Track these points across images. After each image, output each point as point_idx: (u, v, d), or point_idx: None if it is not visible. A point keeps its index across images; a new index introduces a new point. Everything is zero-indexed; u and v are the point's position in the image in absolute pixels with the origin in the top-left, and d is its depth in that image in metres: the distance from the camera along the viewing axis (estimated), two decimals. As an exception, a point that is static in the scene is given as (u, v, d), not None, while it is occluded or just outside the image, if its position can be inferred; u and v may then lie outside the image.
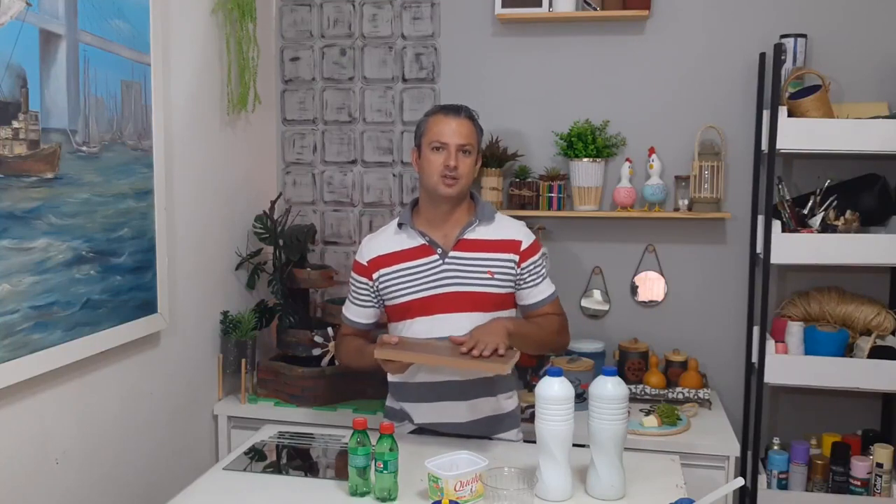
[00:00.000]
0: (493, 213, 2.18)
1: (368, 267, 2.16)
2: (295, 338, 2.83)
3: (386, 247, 2.16)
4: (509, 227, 2.19)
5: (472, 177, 2.12)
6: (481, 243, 2.13)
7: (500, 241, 2.14)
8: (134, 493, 2.30)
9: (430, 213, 2.15)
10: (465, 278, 2.10)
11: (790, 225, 2.64)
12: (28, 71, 1.80)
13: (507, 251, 2.13)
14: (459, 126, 2.09)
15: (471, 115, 2.14)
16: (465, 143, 2.08)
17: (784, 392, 2.89)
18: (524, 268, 2.15)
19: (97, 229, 2.05)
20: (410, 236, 2.15)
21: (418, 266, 2.12)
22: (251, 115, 2.94)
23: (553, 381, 1.73)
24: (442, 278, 2.10)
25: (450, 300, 2.10)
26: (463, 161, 2.08)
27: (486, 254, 2.12)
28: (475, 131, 2.13)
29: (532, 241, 2.18)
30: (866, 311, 2.69)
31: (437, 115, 2.13)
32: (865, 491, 2.60)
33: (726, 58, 2.85)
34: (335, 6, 3.14)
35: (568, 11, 2.85)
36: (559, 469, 1.73)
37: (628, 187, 2.86)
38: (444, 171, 2.06)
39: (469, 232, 2.13)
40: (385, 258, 2.15)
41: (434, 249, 2.12)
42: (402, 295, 2.13)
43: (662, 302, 2.98)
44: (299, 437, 2.19)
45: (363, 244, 2.22)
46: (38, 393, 1.91)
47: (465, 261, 2.11)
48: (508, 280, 2.14)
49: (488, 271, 2.11)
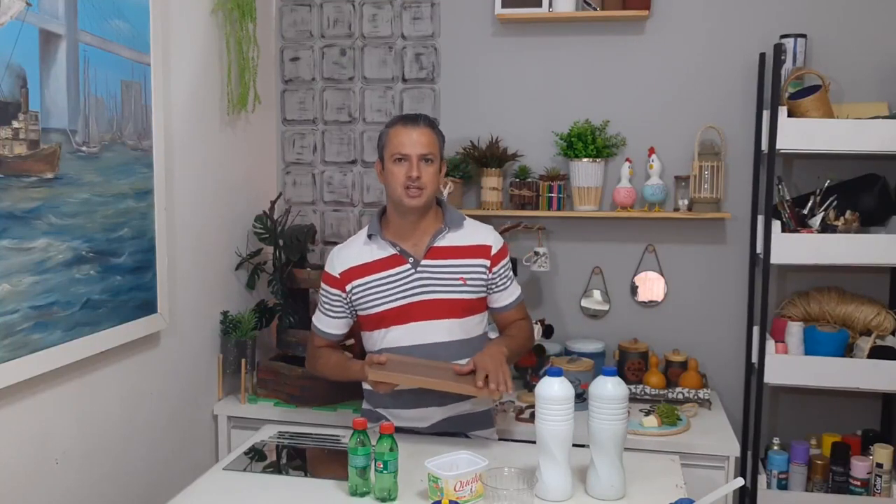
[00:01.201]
0: (461, 220, 2.19)
1: (341, 279, 2.16)
2: (295, 338, 2.83)
3: (357, 258, 2.16)
4: (479, 232, 2.19)
5: (436, 185, 2.12)
6: (452, 250, 2.13)
7: (470, 247, 2.15)
8: (134, 493, 2.30)
9: (398, 224, 2.15)
10: (438, 286, 2.11)
11: (790, 225, 2.64)
12: (28, 71, 1.80)
13: (479, 256, 2.14)
14: (420, 136, 2.08)
15: (430, 123, 2.13)
16: (426, 152, 2.07)
17: (784, 392, 2.89)
18: (495, 272, 2.17)
19: (97, 229, 2.05)
20: (381, 247, 2.15)
21: (391, 276, 2.12)
22: (251, 115, 2.94)
23: (553, 381, 1.74)
24: (415, 287, 2.11)
25: (424, 308, 2.11)
26: (425, 170, 2.07)
27: (458, 260, 2.13)
28: (436, 139, 2.12)
29: (501, 245, 2.20)
30: (866, 311, 2.69)
31: (395, 126, 2.12)
32: (865, 491, 2.60)
33: (726, 58, 2.85)
34: (335, 6, 3.14)
35: (568, 11, 2.85)
36: (559, 469, 1.73)
37: (628, 187, 2.86)
38: (408, 182, 2.06)
39: (439, 240, 2.13)
40: (357, 269, 2.15)
41: (405, 259, 2.12)
42: (375, 305, 2.13)
43: (662, 302, 2.98)
44: (299, 437, 2.19)
45: (333, 255, 2.21)
46: (38, 393, 1.91)
47: (437, 268, 2.12)
48: (480, 285, 2.15)
49: (461, 278, 2.12)
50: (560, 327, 2.98)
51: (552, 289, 3.04)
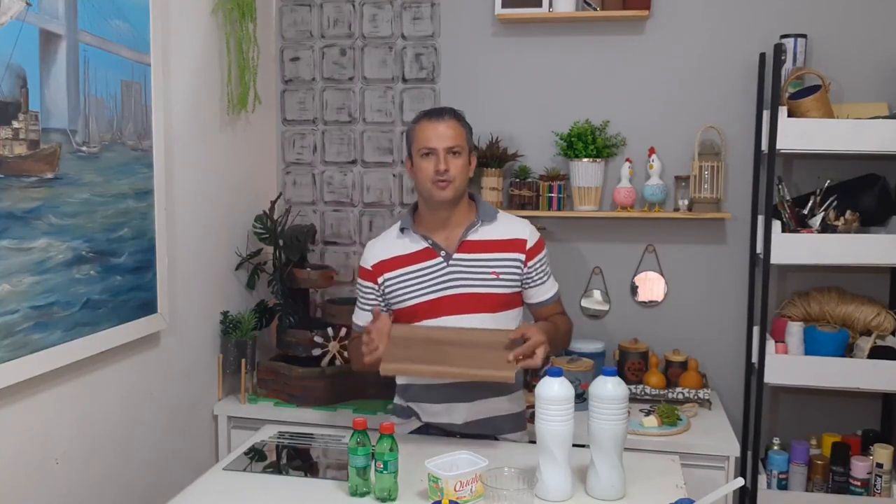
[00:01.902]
0: (494, 213, 2.18)
1: (373, 271, 2.17)
2: (295, 338, 2.83)
3: (389, 251, 2.16)
4: (513, 225, 2.18)
5: (465, 177, 2.12)
6: (485, 244, 2.12)
7: (504, 241, 2.13)
8: (134, 493, 2.30)
9: (429, 218, 2.15)
10: (471, 279, 2.10)
11: (790, 225, 2.64)
12: (28, 71, 1.80)
13: (513, 250, 2.13)
14: (446, 128, 2.08)
15: (456, 115, 2.13)
16: (453, 144, 2.07)
17: (784, 392, 2.89)
18: (531, 266, 2.14)
19: (97, 229, 2.05)
20: (413, 240, 2.15)
21: (422, 269, 2.12)
22: (251, 115, 2.94)
23: (553, 382, 1.73)
24: (447, 280, 2.10)
25: (456, 302, 2.10)
26: (453, 163, 2.07)
27: (491, 254, 2.12)
28: (463, 131, 2.12)
29: (537, 239, 2.18)
30: (866, 312, 2.69)
31: (422, 121, 2.12)
32: (865, 491, 2.60)
33: (726, 58, 2.85)
34: (335, 6, 3.14)
35: (568, 11, 2.85)
36: (559, 469, 1.73)
37: (628, 187, 2.86)
38: (436, 175, 2.06)
39: (472, 233, 2.13)
40: (389, 262, 2.15)
41: (437, 252, 2.12)
42: (407, 299, 2.13)
43: (662, 302, 2.98)
44: (299, 437, 2.19)
45: (366, 249, 2.22)
46: (38, 393, 1.91)
47: (470, 262, 2.11)
48: (514, 279, 2.13)
49: (493, 272, 2.10)
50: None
51: (552, 289, 3.04)
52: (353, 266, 3.19)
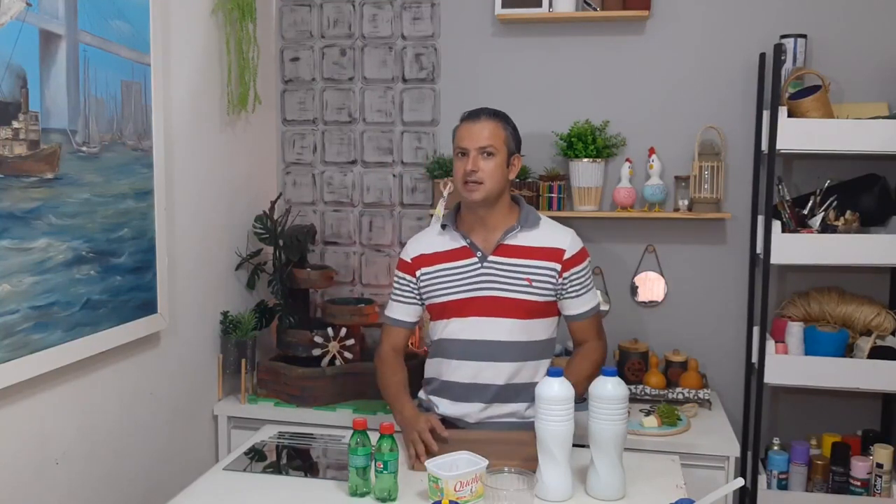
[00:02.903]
0: (537, 220, 2.18)
1: (412, 264, 2.20)
2: (295, 338, 2.83)
3: (429, 246, 2.20)
4: (554, 234, 2.17)
5: (498, 179, 2.10)
6: (522, 249, 2.12)
7: (542, 249, 2.13)
8: (134, 493, 2.30)
9: (468, 218, 2.17)
10: (503, 283, 2.11)
11: (790, 225, 2.64)
12: (28, 71, 1.80)
13: (549, 259, 2.12)
14: (481, 129, 2.09)
15: (495, 116, 2.13)
16: (486, 144, 2.07)
17: (784, 392, 2.89)
18: (566, 277, 2.13)
19: (97, 229, 2.05)
20: (453, 238, 2.17)
21: (457, 267, 2.14)
22: (251, 115, 2.94)
23: (553, 382, 1.74)
24: (479, 282, 2.11)
25: (486, 304, 2.11)
26: (484, 164, 2.07)
27: (527, 260, 2.11)
28: (500, 131, 2.11)
29: (578, 250, 2.16)
30: (866, 312, 2.69)
31: (461, 122, 2.15)
32: (865, 491, 2.60)
33: (726, 58, 2.85)
34: (335, 6, 3.14)
35: (568, 12, 2.85)
36: (559, 469, 1.73)
37: (628, 187, 2.86)
38: (465, 176, 2.07)
39: (510, 237, 2.13)
40: (428, 257, 2.18)
41: (474, 252, 2.13)
42: (440, 294, 2.15)
43: (662, 302, 2.98)
44: (299, 437, 2.19)
45: (408, 243, 2.27)
46: (38, 393, 1.91)
47: (504, 266, 2.11)
48: (548, 289, 2.12)
49: (527, 278, 2.10)
50: (560, 327, 2.97)
51: (552, 289, 3.04)
52: (353, 266, 3.20)
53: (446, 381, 2.17)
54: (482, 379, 2.11)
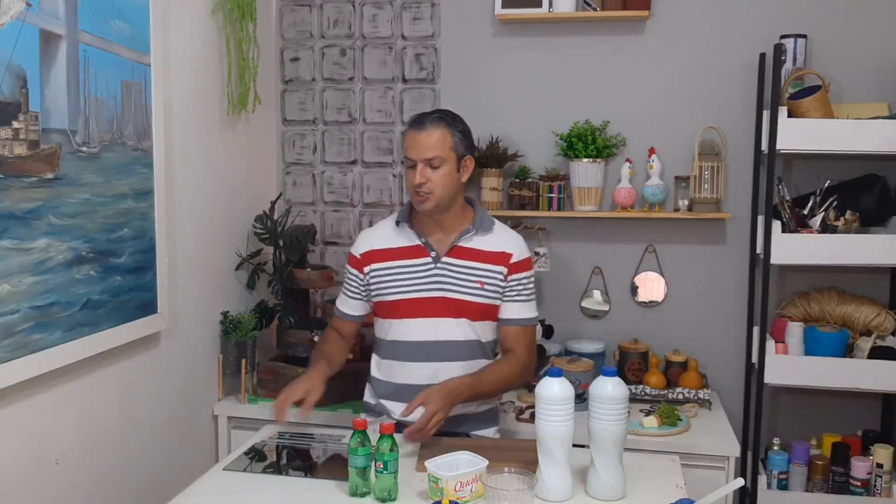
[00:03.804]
0: (491, 224, 2.17)
1: (361, 260, 2.18)
2: (295, 338, 2.83)
3: (381, 242, 2.17)
4: (505, 239, 2.17)
5: (449, 187, 2.07)
6: (475, 253, 2.12)
7: (493, 253, 2.13)
8: (134, 493, 2.30)
9: (424, 219, 2.15)
10: (455, 285, 2.11)
11: (790, 225, 2.63)
12: (28, 71, 1.80)
13: (498, 263, 2.13)
14: (426, 139, 2.04)
15: (440, 121, 2.07)
16: (431, 156, 2.04)
17: (784, 392, 2.89)
18: (510, 280, 2.14)
19: (97, 229, 2.05)
20: (407, 236, 2.15)
21: (410, 266, 2.12)
22: (251, 116, 2.94)
23: (553, 382, 1.73)
24: (432, 282, 2.11)
25: (438, 305, 2.10)
26: (432, 175, 2.05)
27: (479, 263, 2.12)
28: (449, 139, 2.06)
29: (524, 258, 2.17)
30: (866, 312, 2.69)
31: (408, 129, 2.10)
32: (865, 491, 2.60)
33: (726, 58, 2.85)
34: (335, 6, 3.14)
35: (568, 12, 2.85)
36: (559, 469, 1.73)
37: (628, 188, 2.86)
38: (414, 187, 2.06)
39: (465, 240, 2.13)
40: (378, 253, 2.16)
41: (428, 252, 2.12)
42: (390, 293, 2.13)
43: (662, 302, 2.98)
44: (299, 437, 2.19)
45: (360, 237, 2.24)
46: (38, 393, 1.91)
47: (457, 268, 2.11)
48: (497, 292, 2.13)
49: (479, 281, 2.11)
50: (560, 327, 2.98)
51: (552, 289, 3.04)
52: (353, 266, 3.20)
53: (401, 384, 2.15)
54: (438, 379, 2.07)
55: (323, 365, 2.20)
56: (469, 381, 2.05)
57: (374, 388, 2.25)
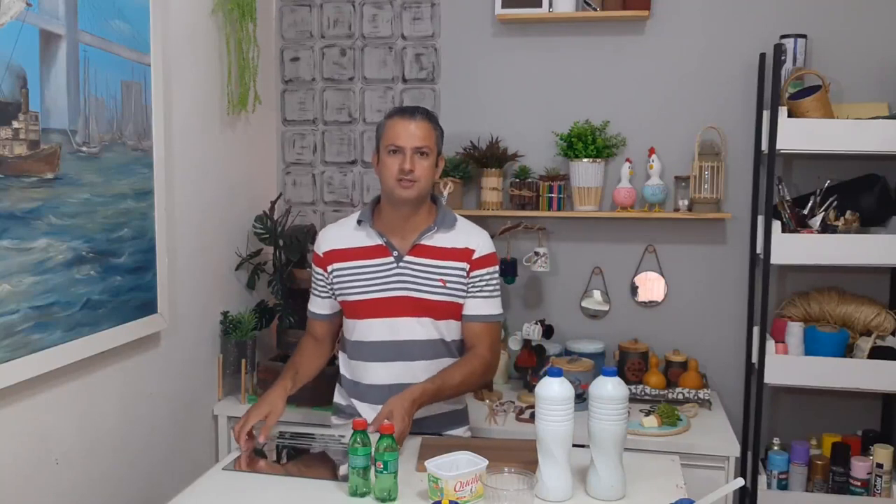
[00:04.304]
0: (453, 221, 2.15)
1: (324, 258, 2.17)
2: (295, 338, 2.82)
3: (343, 241, 2.16)
4: (469, 235, 2.15)
5: (430, 179, 2.09)
6: (436, 250, 2.11)
7: (454, 250, 2.11)
8: (134, 493, 2.30)
9: (389, 216, 2.13)
10: (418, 284, 2.10)
11: (790, 225, 2.64)
12: (28, 71, 1.80)
13: (460, 259, 2.11)
14: (416, 128, 2.05)
15: (429, 116, 2.10)
16: (422, 145, 2.05)
17: (784, 392, 2.89)
18: (472, 276, 2.12)
19: (97, 229, 2.05)
20: (369, 235, 2.14)
21: (372, 266, 2.11)
22: (251, 116, 2.94)
23: (553, 382, 1.73)
24: (394, 281, 2.10)
25: (401, 304, 2.09)
26: (419, 163, 2.05)
27: (440, 261, 2.10)
28: (433, 132, 2.09)
29: (487, 253, 2.14)
30: (866, 312, 2.69)
31: (393, 117, 2.09)
32: (865, 491, 2.60)
33: (726, 58, 2.85)
34: (335, 6, 3.14)
35: (568, 12, 2.85)
36: (559, 469, 1.73)
37: (628, 187, 2.86)
38: (400, 174, 2.04)
39: (426, 238, 2.11)
40: (340, 252, 2.15)
41: (390, 251, 2.11)
42: (353, 293, 2.13)
43: (662, 302, 2.98)
44: (299, 437, 2.19)
45: (321, 235, 2.22)
46: (38, 393, 1.91)
47: (419, 266, 2.10)
48: (460, 289, 2.12)
49: (441, 279, 2.10)
50: (560, 327, 2.98)
51: (552, 289, 3.04)
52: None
53: (369, 384, 2.14)
54: (404, 379, 2.07)
55: (287, 381, 2.16)
56: (431, 388, 2.03)
57: (345, 388, 2.24)
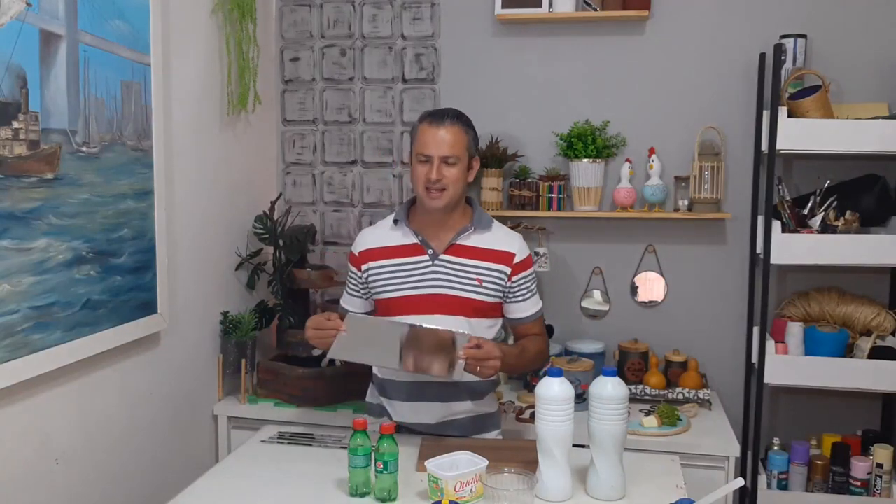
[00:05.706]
0: (489, 223, 2.17)
1: (359, 257, 2.18)
2: (295, 338, 2.83)
3: (379, 241, 2.17)
4: (505, 238, 2.17)
5: (461, 185, 2.09)
6: (474, 251, 2.12)
7: (493, 251, 2.13)
8: (134, 493, 2.30)
9: (423, 217, 2.15)
10: (453, 282, 2.10)
11: (790, 225, 2.64)
12: (28, 71, 1.80)
13: (500, 262, 2.12)
14: (445, 135, 2.05)
15: (459, 120, 2.09)
16: (449, 154, 2.05)
17: (784, 392, 2.89)
18: (515, 281, 2.14)
19: (97, 229, 2.05)
20: (405, 234, 2.15)
21: (407, 264, 2.12)
22: (251, 116, 2.94)
23: (553, 382, 1.73)
24: (430, 279, 2.10)
25: (435, 301, 2.10)
26: (447, 172, 2.05)
27: (478, 262, 2.11)
28: (464, 137, 2.08)
29: (526, 256, 2.17)
30: (866, 312, 2.69)
31: (423, 123, 2.09)
32: (865, 491, 2.60)
33: (726, 58, 2.85)
34: (335, 6, 3.14)
35: (568, 12, 2.85)
36: (559, 469, 1.73)
37: (628, 188, 2.86)
38: (428, 183, 2.05)
39: (463, 238, 2.12)
40: (376, 251, 2.16)
41: (425, 250, 2.12)
42: (388, 291, 2.13)
43: (662, 302, 2.98)
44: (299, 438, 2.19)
45: (359, 236, 2.24)
46: (38, 393, 1.91)
47: (455, 265, 2.11)
48: (497, 290, 2.13)
49: (477, 279, 2.11)
50: (560, 327, 2.98)
51: (552, 289, 3.04)
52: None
53: (398, 381, 2.15)
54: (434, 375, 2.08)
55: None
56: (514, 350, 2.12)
57: (376, 387, 2.25)
